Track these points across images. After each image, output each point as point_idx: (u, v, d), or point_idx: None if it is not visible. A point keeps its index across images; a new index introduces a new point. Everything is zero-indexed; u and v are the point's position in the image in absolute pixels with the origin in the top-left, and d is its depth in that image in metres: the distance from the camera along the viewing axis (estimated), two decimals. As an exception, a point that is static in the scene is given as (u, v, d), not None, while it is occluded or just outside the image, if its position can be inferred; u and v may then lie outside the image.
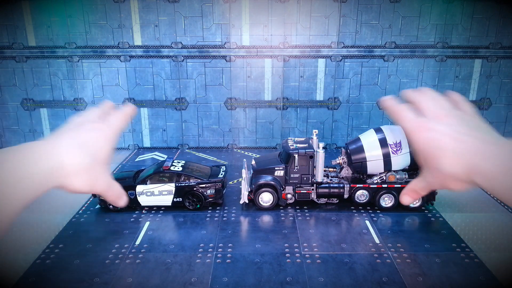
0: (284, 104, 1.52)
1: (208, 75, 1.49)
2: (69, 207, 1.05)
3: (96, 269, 0.76)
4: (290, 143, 1.05)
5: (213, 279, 0.72)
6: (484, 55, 1.48)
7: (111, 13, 1.42)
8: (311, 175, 1.03)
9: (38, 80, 1.49)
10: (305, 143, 1.06)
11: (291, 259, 0.79)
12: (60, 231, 0.93)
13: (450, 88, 1.51)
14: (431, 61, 1.48)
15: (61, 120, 1.53)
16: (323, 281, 0.72)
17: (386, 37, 1.45)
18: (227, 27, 1.44)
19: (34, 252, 0.83)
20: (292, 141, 1.05)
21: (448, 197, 1.11)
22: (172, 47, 1.46)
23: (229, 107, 1.53)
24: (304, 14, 1.43)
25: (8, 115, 1.52)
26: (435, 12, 1.44)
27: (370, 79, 1.50)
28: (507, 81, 1.51)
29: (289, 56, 1.47)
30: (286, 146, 1.05)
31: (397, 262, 0.77)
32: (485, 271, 0.77)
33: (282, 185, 1.04)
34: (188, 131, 1.56)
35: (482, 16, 1.44)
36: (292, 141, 1.05)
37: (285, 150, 1.05)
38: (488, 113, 1.53)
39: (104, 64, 1.48)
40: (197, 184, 1.16)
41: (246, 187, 1.05)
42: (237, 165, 1.38)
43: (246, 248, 0.84)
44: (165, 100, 1.52)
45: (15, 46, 1.45)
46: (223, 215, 0.99)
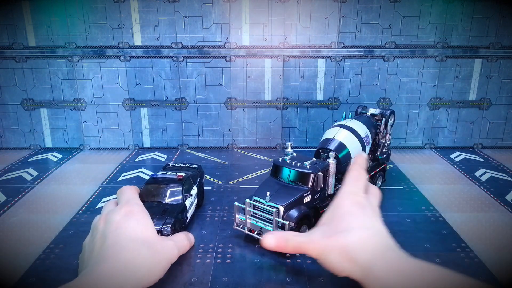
0: (284, 104, 1.52)
1: (208, 75, 1.49)
2: (69, 207, 1.05)
3: (96, 269, 0.76)
4: (291, 161, 0.90)
5: (213, 279, 0.72)
6: (484, 55, 1.48)
7: (111, 13, 1.42)
8: (326, 189, 0.91)
9: (38, 80, 1.49)
10: (302, 158, 0.93)
11: (291, 259, 0.79)
12: (60, 231, 0.93)
13: (450, 88, 1.51)
14: (431, 61, 1.48)
15: (61, 120, 1.53)
16: (323, 281, 0.72)
17: (386, 37, 1.45)
18: (227, 27, 1.44)
19: (34, 252, 0.83)
20: (289, 160, 0.91)
21: (448, 197, 1.11)
22: (172, 47, 1.46)
23: (229, 107, 1.53)
24: (304, 14, 1.43)
25: (8, 115, 1.52)
26: (435, 12, 1.44)
27: (370, 79, 1.50)
28: (507, 81, 1.51)
29: (289, 56, 1.47)
30: (295, 166, 0.88)
31: (397, 262, 0.77)
32: (485, 271, 0.77)
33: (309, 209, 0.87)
34: (188, 131, 1.56)
35: (482, 16, 1.44)
36: (290, 159, 0.91)
37: (300, 171, 0.86)
38: (488, 113, 1.53)
39: (104, 64, 1.47)
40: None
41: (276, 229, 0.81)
42: (237, 165, 1.38)
43: (246, 248, 0.84)
44: (165, 100, 1.52)
45: (15, 46, 1.45)
46: (223, 216, 0.99)
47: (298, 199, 0.79)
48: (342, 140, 1.00)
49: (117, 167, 1.35)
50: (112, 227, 0.67)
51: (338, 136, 1.00)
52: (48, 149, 1.55)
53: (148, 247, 0.66)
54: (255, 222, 0.81)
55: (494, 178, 1.25)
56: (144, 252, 0.64)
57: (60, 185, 1.20)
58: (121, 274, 0.58)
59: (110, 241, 0.64)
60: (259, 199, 0.80)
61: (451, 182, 1.22)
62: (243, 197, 1.11)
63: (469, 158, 1.44)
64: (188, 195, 0.91)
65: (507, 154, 1.49)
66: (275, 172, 0.88)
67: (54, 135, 1.54)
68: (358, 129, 1.04)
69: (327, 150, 0.97)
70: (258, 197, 0.80)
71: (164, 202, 0.87)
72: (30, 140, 1.54)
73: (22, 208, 1.05)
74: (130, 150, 1.54)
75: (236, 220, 0.84)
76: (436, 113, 1.53)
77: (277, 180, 0.87)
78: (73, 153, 1.51)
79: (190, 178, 0.96)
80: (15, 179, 1.25)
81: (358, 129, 1.05)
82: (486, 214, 1.01)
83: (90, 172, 1.31)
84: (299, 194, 0.80)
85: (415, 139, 1.56)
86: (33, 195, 1.12)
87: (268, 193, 0.78)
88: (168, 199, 0.88)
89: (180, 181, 0.91)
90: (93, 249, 0.65)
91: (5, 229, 0.93)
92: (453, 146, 1.56)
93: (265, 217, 0.80)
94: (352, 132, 1.02)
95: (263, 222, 0.80)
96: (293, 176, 0.85)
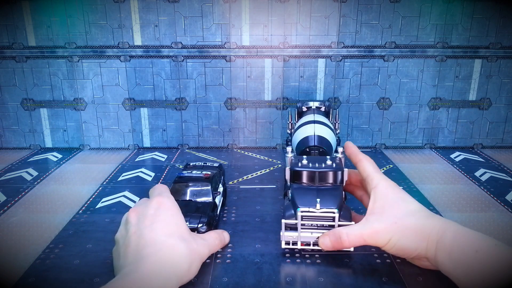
0: (284, 104, 1.52)
1: (208, 75, 1.49)
2: (69, 207, 1.05)
3: (96, 269, 0.76)
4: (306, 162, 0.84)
5: (213, 279, 0.72)
6: (484, 55, 1.48)
7: (111, 13, 1.42)
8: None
9: (38, 80, 1.49)
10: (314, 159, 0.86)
11: (291, 259, 0.79)
12: (60, 231, 0.93)
13: (450, 88, 1.51)
14: (431, 61, 1.48)
15: (61, 120, 1.53)
16: (323, 281, 0.72)
17: (386, 37, 1.45)
18: (227, 27, 1.44)
19: (34, 252, 0.83)
20: (306, 161, 0.84)
21: (448, 197, 1.11)
22: (172, 47, 1.46)
23: (229, 107, 1.53)
24: (304, 14, 1.43)
25: (8, 115, 1.52)
26: (435, 12, 1.44)
27: (370, 79, 1.50)
28: (507, 81, 1.51)
29: (289, 56, 1.47)
30: (320, 167, 0.81)
31: (397, 262, 0.77)
32: (485, 271, 0.77)
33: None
34: (188, 131, 1.56)
35: (482, 16, 1.44)
36: (306, 161, 0.84)
37: (331, 171, 0.81)
38: (488, 113, 1.53)
39: (104, 64, 1.47)
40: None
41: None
42: (237, 165, 1.38)
43: (246, 248, 0.84)
44: (165, 100, 1.52)
45: (15, 46, 1.45)
46: (223, 215, 0.99)
47: (341, 198, 0.78)
48: (323, 135, 1.01)
49: (117, 167, 1.35)
50: (146, 222, 0.67)
51: (318, 131, 1.01)
52: (48, 149, 1.55)
53: (185, 243, 0.66)
54: (310, 234, 0.77)
55: (494, 178, 1.25)
56: (183, 248, 0.65)
57: (60, 185, 1.21)
58: (163, 272, 0.59)
59: (147, 238, 0.64)
60: (308, 209, 0.75)
61: (451, 182, 1.22)
62: (244, 197, 1.11)
63: (469, 158, 1.44)
64: (217, 193, 0.92)
65: (507, 154, 1.49)
66: (296, 178, 0.83)
67: (54, 135, 1.54)
68: (325, 121, 1.08)
69: (315, 148, 0.97)
70: (306, 207, 0.75)
71: (194, 200, 0.88)
72: (30, 140, 1.54)
73: (22, 208, 1.05)
74: (130, 150, 1.54)
75: (283, 239, 0.78)
76: (436, 113, 1.53)
77: (305, 185, 0.82)
78: (73, 153, 1.51)
79: (216, 177, 0.97)
80: (15, 179, 1.25)
81: (325, 121, 1.08)
82: (486, 214, 1.01)
83: (90, 172, 1.31)
84: (340, 193, 0.78)
85: (415, 139, 1.56)
86: (33, 195, 1.13)
87: (318, 200, 0.75)
88: (198, 197, 0.89)
89: (207, 179, 0.91)
90: (129, 244, 0.64)
91: (5, 229, 0.93)
92: (453, 146, 1.56)
93: (320, 225, 0.77)
94: (325, 126, 1.04)
95: (319, 231, 0.77)
96: (322, 177, 0.81)
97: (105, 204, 1.07)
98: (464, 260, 0.60)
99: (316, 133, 0.99)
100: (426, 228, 0.67)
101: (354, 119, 1.54)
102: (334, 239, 0.72)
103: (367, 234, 0.70)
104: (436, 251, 0.65)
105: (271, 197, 1.12)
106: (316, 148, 0.97)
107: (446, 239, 0.64)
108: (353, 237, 0.71)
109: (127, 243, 0.65)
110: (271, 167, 1.36)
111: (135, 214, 0.70)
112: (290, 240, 0.79)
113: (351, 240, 0.71)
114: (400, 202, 0.71)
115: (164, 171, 1.32)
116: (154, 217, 0.68)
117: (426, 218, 0.69)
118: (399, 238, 0.68)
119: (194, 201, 0.88)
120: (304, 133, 1.02)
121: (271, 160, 1.43)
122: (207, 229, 0.80)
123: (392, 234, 0.68)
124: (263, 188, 1.18)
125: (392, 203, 0.71)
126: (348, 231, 0.72)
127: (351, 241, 0.71)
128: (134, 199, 1.10)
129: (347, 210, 0.79)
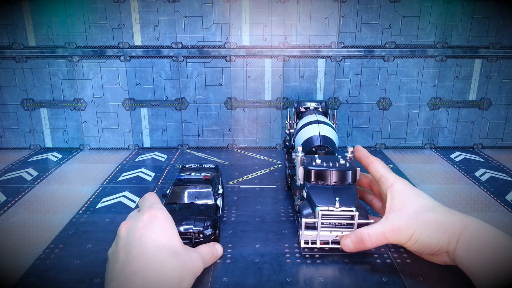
0: (284, 104, 1.52)
1: (208, 75, 1.49)
2: (69, 207, 1.05)
3: (96, 270, 0.76)
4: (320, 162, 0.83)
5: (213, 279, 0.72)
6: (484, 55, 1.48)
7: (111, 13, 1.42)
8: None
9: (38, 80, 1.49)
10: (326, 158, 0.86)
11: (291, 260, 0.79)
12: (60, 231, 0.93)
13: (450, 88, 1.51)
14: (431, 61, 1.48)
15: (61, 120, 1.53)
16: (323, 281, 0.72)
17: (386, 37, 1.45)
18: (227, 27, 1.44)
19: (34, 252, 0.83)
20: (319, 160, 0.84)
21: (448, 197, 1.11)
22: (172, 47, 1.46)
23: (229, 107, 1.53)
24: (304, 14, 1.43)
25: (8, 115, 1.52)
26: (435, 12, 1.44)
27: (370, 79, 1.50)
28: (507, 81, 1.51)
29: (289, 56, 1.47)
30: (334, 167, 0.81)
31: (397, 262, 0.77)
32: (485, 271, 0.77)
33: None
34: (188, 131, 1.56)
35: (482, 16, 1.44)
36: (320, 160, 0.84)
37: (346, 170, 0.80)
38: (488, 113, 1.53)
39: (104, 64, 1.47)
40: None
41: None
42: (237, 165, 1.38)
43: (246, 248, 0.84)
44: (165, 100, 1.52)
45: (15, 46, 1.45)
46: (223, 216, 0.99)
47: (357, 196, 0.79)
48: (328, 134, 1.01)
49: (117, 167, 1.35)
50: (136, 235, 0.64)
51: (322, 131, 1.01)
52: (48, 149, 1.55)
53: (177, 257, 0.63)
54: (329, 232, 0.77)
55: (494, 178, 1.25)
56: (173, 262, 0.61)
57: (60, 185, 1.21)
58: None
59: (136, 252, 0.61)
60: (327, 208, 0.75)
61: (451, 182, 1.22)
62: (244, 197, 1.11)
63: (469, 158, 1.44)
64: (218, 195, 0.92)
65: (507, 154, 1.49)
66: (309, 177, 0.83)
67: (54, 135, 1.54)
68: (328, 121, 1.09)
69: (322, 147, 0.97)
70: (324, 206, 0.75)
71: (197, 203, 0.87)
72: (30, 140, 1.54)
73: (22, 208, 1.05)
74: (130, 150, 1.54)
75: (303, 238, 0.78)
76: (436, 113, 1.53)
77: (320, 184, 0.81)
78: (73, 153, 1.51)
79: (215, 178, 0.96)
80: (15, 179, 1.25)
81: (327, 121, 1.09)
82: (486, 214, 1.01)
83: (90, 172, 1.31)
84: (355, 191, 0.79)
85: (415, 139, 1.56)
86: (33, 195, 1.13)
87: (337, 198, 0.75)
88: (200, 200, 0.88)
89: (207, 181, 0.90)
90: (117, 259, 0.62)
91: (5, 229, 0.93)
92: (453, 146, 1.56)
93: (339, 223, 0.76)
94: (328, 126, 1.05)
95: (338, 230, 0.77)
96: (337, 176, 0.81)
97: (105, 204, 1.08)
98: (482, 256, 0.59)
99: (321, 133, 1.00)
100: (448, 221, 0.67)
101: (354, 119, 1.54)
102: (355, 240, 0.72)
103: (389, 232, 0.70)
104: (457, 244, 0.64)
105: (271, 197, 1.12)
106: (322, 148, 0.97)
107: (467, 233, 0.64)
108: (375, 236, 0.71)
109: (116, 258, 0.62)
110: (271, 167, 1.36)
111: (125, 227, 0.68)
112: (309, 239, 0.78)
113: (373, 240, 0.71)
114: (418, 198, 0.72)
115: (164, 171, 1.32)
116: (144, 230, 0.65)
117: (447, 213, 0.69)
118: (421, 233, 0.67)
119: (196, 204, 0.86)
120: (308, 133, 1.02)
121: (271, 160, 1.43)
122: (212, 232, 0.78)
123: (414, 229, 0.68)
124: (263, 188, 1.18)
125: (410, 199, 0.71)
126: (369, 231, 0.71)
127: (373, 241, 0.71)
128: (134, 199, 1.10)
129: (363, 209, 0.79)
